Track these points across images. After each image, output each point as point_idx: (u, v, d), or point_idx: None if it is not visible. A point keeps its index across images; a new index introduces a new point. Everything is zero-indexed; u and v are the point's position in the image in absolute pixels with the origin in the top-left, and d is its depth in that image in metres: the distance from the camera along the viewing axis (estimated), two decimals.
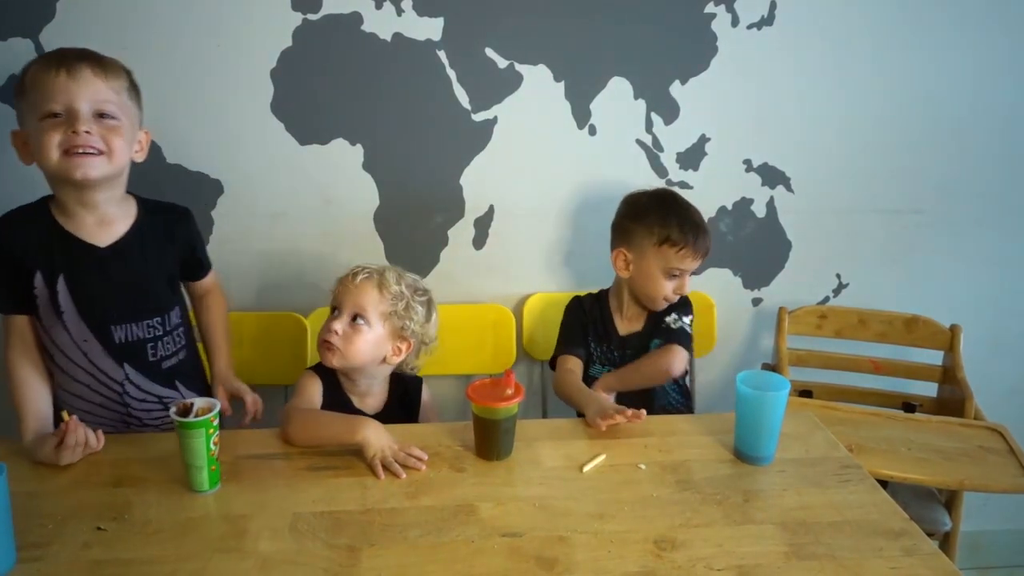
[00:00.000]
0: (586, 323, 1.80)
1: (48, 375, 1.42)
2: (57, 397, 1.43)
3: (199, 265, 1.57)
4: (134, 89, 1.40)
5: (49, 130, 1.28)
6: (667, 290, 1.71)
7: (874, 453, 1.60)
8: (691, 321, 1.76)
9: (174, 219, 1.50)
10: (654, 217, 1.69)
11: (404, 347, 1.52)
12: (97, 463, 1.28)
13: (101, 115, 1.31)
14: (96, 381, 1.42)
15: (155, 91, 1.69)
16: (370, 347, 1.48)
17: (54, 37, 1.63)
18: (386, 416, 1.51)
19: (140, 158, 1.42)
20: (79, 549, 1.08)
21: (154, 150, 1.74)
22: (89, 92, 1.29)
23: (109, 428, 1.43)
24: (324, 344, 1.47)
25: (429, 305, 1.56)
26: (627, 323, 1.79)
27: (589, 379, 1.74)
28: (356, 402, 1.53)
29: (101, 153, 1.30)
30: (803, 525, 1.16)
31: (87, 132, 1.28)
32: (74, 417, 1.27)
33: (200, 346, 1.62)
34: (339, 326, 1.46)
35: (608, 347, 1.77)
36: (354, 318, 1.47)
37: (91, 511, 1.16)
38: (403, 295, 1.50)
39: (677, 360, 1.67)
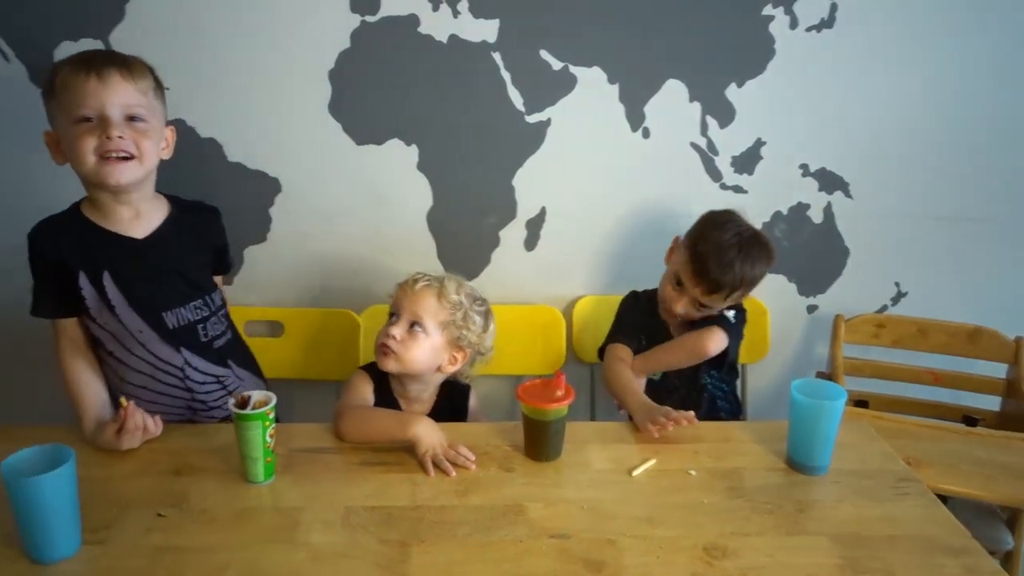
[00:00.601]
0: (640, 317, 1.78)
1: (100, 370, 1.46)
2: (120, 391, 1.47)
3: (223, 262, 1.61)
4: (159, 87, 1.42)
5: (83, 135, 1.31)
6: (666, 295, 1.68)
7: (933, 467, 1.55)
8: (737, 316, 1.71)
9: (206, 215, 1.55)
10: (711, 232, 1.65)
11: (460, 357, 1.52)
12: (158, 452, 1.32)
13: (131, 118, 1.34)
14: (158, 370, 1.46)
15: (217, 91, 1.75)
16: (427, 355, 1.49)
17: (123, 38, 1.69)
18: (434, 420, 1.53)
19: (167, 155, 1.45)
20: (140, 534, 1.11)
21: (215, 148, 1.79)
22: (119, 97, 1.32)
23: (176, 416, 1.48)
24: (381, 348, 1.48)
25: (487, 316, 1.56)
26: (677, 325, 1.77)
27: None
28: (404, 405, 1.54)
29: (132, 157, 1.34)
30: (858, 538, 1.13)
31: (120, 137, 1.31)
32: (132, 402, 1.31)
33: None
34: (397, 331, 1.47)
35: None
36: (412, 325, 1.48)
37: (152, 498, 1.19)
38: (462, 305, 1.50)
39: (713, 338, 1.63)
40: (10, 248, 1.75)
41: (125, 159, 1.33)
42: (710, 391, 1.74)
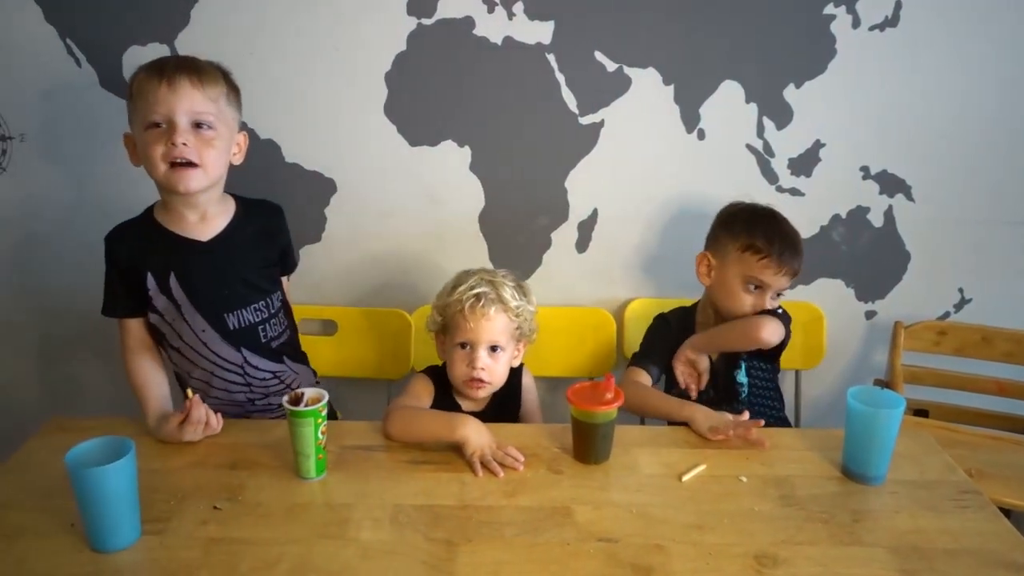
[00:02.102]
0: (669, 341, 1.71)
1: (163, 366, 1.52)
2: (185, 384, 1.53)
3: (286, 261, 1.64)
4: (233, 92, 1.46)
5: (153, 142, 1.36)
6: (745, 304, 1.62)
7: (996, 479, 1.51)
8: (782, 313, 1.64)
9: (269, 214, 1.58)
10: (742, 223, 1.63)
11: (523, 346, 1.56)
12: (215, 445, 1.35)
13: (198, 125, 1.38)
14: (218, 367, 1.51)
15: (277, 93, 1.78)
16: (507, 367, 1.52)
17: (188, 42, 1.73)
18: (491, 407, 1.55)
19: (237, 161, 1.49)
20: (197, 525, 1.14)
21: (273, 149, 1.83)
22: (187, 103, 1.36)
23: (235, 408, 1.53)
24: (476, 382, 1.48)
25: (531, 295, 1.56)
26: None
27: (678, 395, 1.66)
28: (465, 406, 1.54)
29: (197, 166, 1.38)
30: (916, 550, 1.10)
31: (184, 144, 1.35)
32: (197, 395, 1.35)
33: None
34: (487, 361, 1.47)
35: None
36: (492, 348, 1.48)
37: (208, 490, 1.22)
38: (521, 307, 1.51)
39: (768, 327, 1.55)
40: (81, 245, 1.83)
41: (190, 166, 1.37)
42: (746, 392, 1.67)
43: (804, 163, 1.86)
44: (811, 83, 1.79)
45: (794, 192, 1.88)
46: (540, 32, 1.75)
